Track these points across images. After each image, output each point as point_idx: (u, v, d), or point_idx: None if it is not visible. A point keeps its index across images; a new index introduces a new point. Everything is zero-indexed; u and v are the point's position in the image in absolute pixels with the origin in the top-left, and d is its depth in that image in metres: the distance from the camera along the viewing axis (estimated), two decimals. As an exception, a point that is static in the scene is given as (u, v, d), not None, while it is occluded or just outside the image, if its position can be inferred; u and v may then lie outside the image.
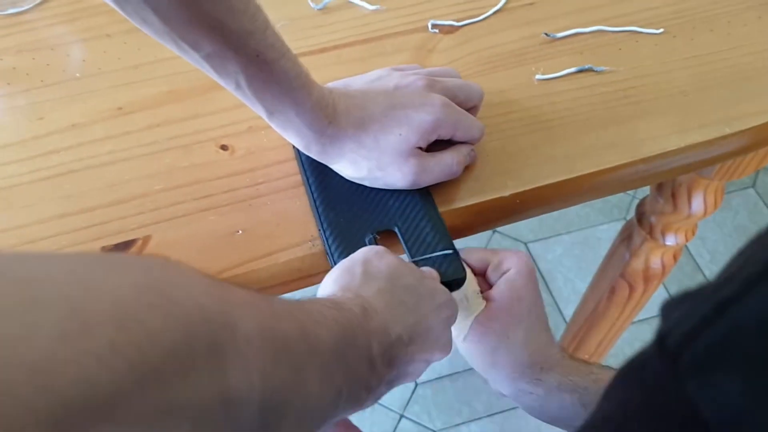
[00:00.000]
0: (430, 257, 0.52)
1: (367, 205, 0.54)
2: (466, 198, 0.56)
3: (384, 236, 0.53)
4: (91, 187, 0.55)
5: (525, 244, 1.46)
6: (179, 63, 0.62)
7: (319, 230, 0.53)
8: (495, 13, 0.68)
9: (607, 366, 0.56)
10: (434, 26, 0.66)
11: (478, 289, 0.54)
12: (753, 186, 1.60)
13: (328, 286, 0.46)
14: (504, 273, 0.54)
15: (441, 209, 0.55)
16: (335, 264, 0.51)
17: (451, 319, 0.49)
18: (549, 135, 0.60)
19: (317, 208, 0.54)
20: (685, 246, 1.49)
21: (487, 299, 0.53)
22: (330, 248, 0.52)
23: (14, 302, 0.21)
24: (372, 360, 0.40)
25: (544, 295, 1.42)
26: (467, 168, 0.57)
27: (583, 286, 1.13)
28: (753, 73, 0.65)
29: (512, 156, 0.58)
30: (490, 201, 0.56)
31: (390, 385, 0.45)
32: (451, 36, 0.66)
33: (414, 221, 0.54)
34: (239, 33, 0.45)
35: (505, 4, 0.69)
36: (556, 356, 0.55)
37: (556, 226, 1.49)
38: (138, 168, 0.56)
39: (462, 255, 0.54)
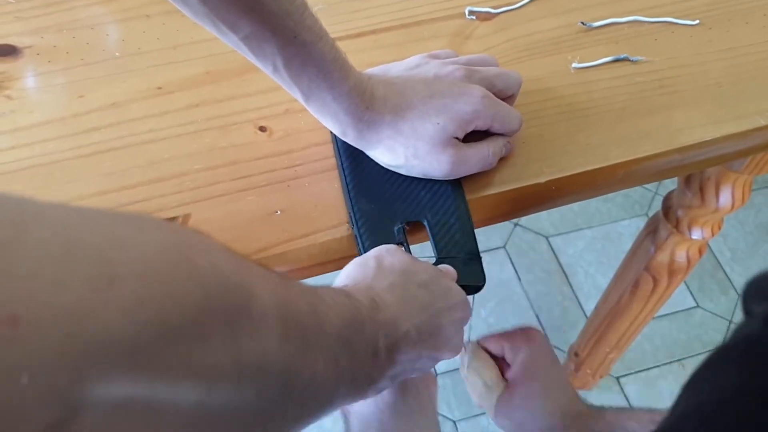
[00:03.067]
0: (453, 258, 0.52)
1: (398, 195, 0.54)
2: (502, 184, 0.56)
3: (412, 227, 0.53)
4: (132, 165, 0.55)
5: (546, 238, 1.46)
6: (217, 45, 0.62)
7: (350, 215, 0.53)
8: (532, 0, 0.68)
9: (633, 408, 0.62)
10: (471, 13, 0.67)
11: (497, 373, 0.59)
12: (776, 184, 1.59)
13: (341, 280, 0.46)
14: (518, 356, 0.58)
15: (477, 195, 0.55)
16: (363, 250, 0.51)
17: (464, 321, 0.49)
18: (585, 123, 0.60)
19: (349, 194, 0.54)
20: (707, 243, 1.48)
21: (507, 380, 0.59)
22: (359, 235, 0.52)
23: (50, 248, 0.21)
24: (377, 351, 0.41)
25: (565, 289, 1.42)
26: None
27: (603, 281, 1.13)
28: (789, 65, 0.65)
29: (548, 143, 0.59)
30: (526, 187, 0.56)
31: (393, 379, 0.45)
32: (487, 23, 0.67)
33: (444, 216, 0.54)
34: (277, 14, 0.46)
35: (542, -8, 0.69)
36: (583, 412, 0.60)
37: (577, 220, 1.49)
38: (177, 147, 0.56)
39: (481, 341, 0.60)
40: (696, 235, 0.92)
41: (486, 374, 0.59)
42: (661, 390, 1.33)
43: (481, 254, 0.53)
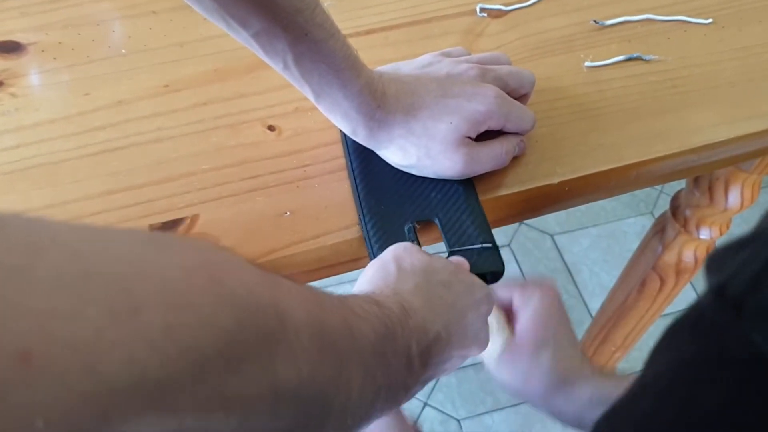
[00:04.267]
0: (468, 249, 0.51)
1: (408, 195, 0.54)
2: (514, 185, 0.55)
3: (422, 226, 0.52)
4: (138, 165, 0.54)
5: (551, 236, 1.45)
6: (225, 42, 0.62)
7: (359, 216, 0.52)
8: (543, -2, 0.67)
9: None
10: (482, 10, 0.66)
11: (504, 319, 0.56)
12: (782, 183, 1.58)
13: (363, 286, 0.45)
14: (528, 306, 0.56)
15: (488, 196, 0.55)
16: (372, 251, 0.50)
17: (489, 313, 0.48)
18: (597, 123, 0.59)
19: (359, 194, 0.53)
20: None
21: (515, 328, 0.56)
22: (368, 235, 0.51)
23: (66, 277, 0.19)
24: (410, 359, 0.39)
25: (570, 287, 1.41)
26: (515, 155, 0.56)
27: (608, 279, 1.13)
28: (805, 65, 0.64)
29: (560, 143, 0.58)
30: (538, 188, 0.56)
31: (425, 383, 0.43)
32: (499, 20, 0.66)
33: (455, 213, 0.53)
34: (288, 10, 0.45)
35: (553, -11, 0.68)
36: (587, 372, 0.57)
37: (582, 219, 1.48)
38: (185, 146, 0.56)
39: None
40: (704, 234, 0.91)
41: (491, 318, 0.55)
42: (665, 389, 1.33)
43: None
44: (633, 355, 1.35)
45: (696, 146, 0.59)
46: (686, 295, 1.41)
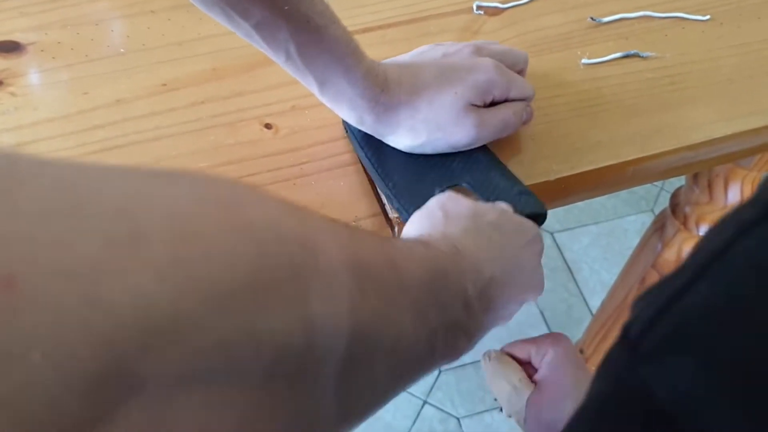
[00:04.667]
0: (508, 199, 0.51)
1: (430, 169, 0.53)
2: (511, 181, 0.56)
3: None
4: (137, 163, 0.54)
5: (551, 233, 1.45)
6: (223, 40, 0.62)
7: (387, 197, 0.52)
8: (540, -4, 0.67)
9: None
10: (479, 8, 0.66)
11: (524, 375, 0.59)
12: (782, 180, 1.58)
13: (410, 233, 0.44)
14: (545, 357, 0.57)
15: (486, 192, 0.55)
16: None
17: (541, 253, 0.48)
18: (595, 120, 0.59)
19: (382, 180, 0.53)
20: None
21: (535, 383, 0.58)
22: (402, 207, 0.51)
23: (52, 204, 0.17)
24: (468, 302, 0.38)
25: (570, 285, 1.41)
26: (513, 151, 0.56)
27: (608, 277, 1.13)
28: (802, 61, 0.64)
29: (558, 140, 0.58)
30: (535, 185, 0.56)
31: (486, 329, 0.42)
32: (496, 18, 0.66)
33: (482, 173, 0.53)
34: None
35: (550, -13, 0.68)
36: None
37: (582, 216, 1.48)
38: (183, 144, 0.56)
39: (505, 348, 0.58)
40: (704, 231, 0.91)
41: (513, 377, 0.58)
42: (666, 387, 1.33)
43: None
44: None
45: (694, 143, 0.59)
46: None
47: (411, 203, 0.50)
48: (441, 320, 0.35)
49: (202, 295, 0.19)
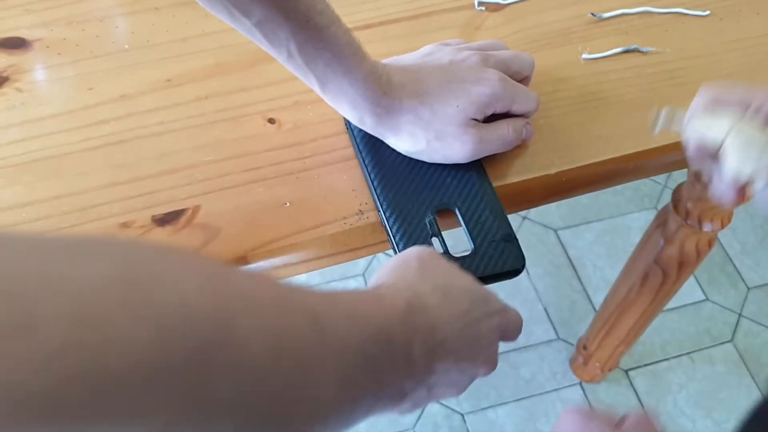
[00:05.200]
0: (490, 243, 0.52)
1: (425, 183, 0.54)
2: (512, 175, 0.56)
3: (442, 215, 0.53)
4: (142, 157, 0.55)
5: (555, 231, 1.46)
6: (226, 36, 0.62)
7: (378, 208, 0.53)
8: (541, -8, 0.68)
9: None
10: (481, 4, 0.66)
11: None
12: (786, 177, 1.58)
13: (382, 276, 0.44)
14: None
15: (486, 186, 0.55)
16: (395, 244, 0.51)
17: (500, 329, 0.47)
18: (595, 114, 0.60)
19: (375, 188, 0.54)
20: (717, 237, 1.48)
21: None
22: (390, 229, 0.52)
23: None
24: (411, 359, 0.38)
25: (574, 282, 1.41)
26: (517, 144, 0.57)
27: (612, 274, 1.13)
28: (802, 56, 0.65)
29: (559, 134, 0.58)
30: (536, 179, 0.56)
31: (431, 393, 0.42)
32: (497, 14, 0.66)
33: (473, 201, 0.53)
34: None
35: (551, -17, 0.68)
36: None
37: (586, 214, 1.49)
38: (187, 139, 0.56)
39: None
40: (706, 227, 0.92)
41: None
42: (669, 383, 1.33)
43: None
44: (636, 350, 1.35)
45: (693, 137, 0.59)
46: (688, 288, 1.41)
47: (402, 235, 0.51)
48: (372, 381, 0.35)
49: (86, 381, 0.20)
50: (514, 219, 1.45)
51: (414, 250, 0.46)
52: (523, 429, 1.25)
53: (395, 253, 0.51)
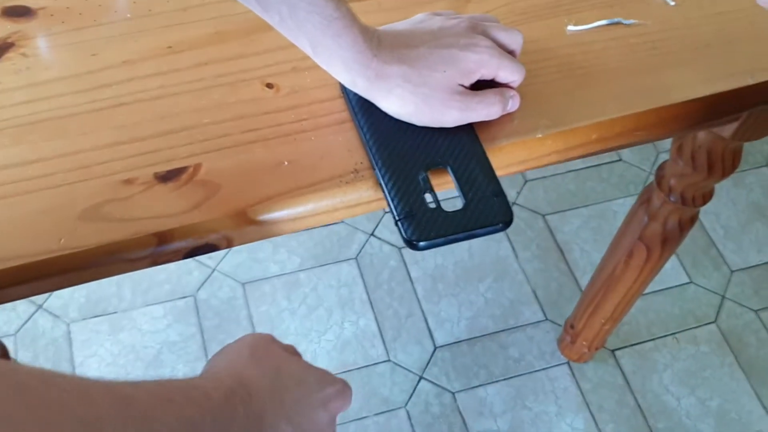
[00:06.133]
0: (480, 199, 0.54)
1: (418, 143, 0.56)
2: (502, 138, 0.58)
3: (434, 174, 0.55)
4: (143, 119, 0.57)
5: (543, 216, 1.49)
6: (225, 6, 0.65)
7: (373, 167, 0.55)
8: (528, -33, 0.70)
9: None
10: (470, -23, 0.69)
11: None
12: (767, 165, 1.62)
13: (212, 361, 0.46)
14: None
15: (476, 148, 0.57)
16: (392, 204, 0.53)
17: (342, 408, 0.49)
18: (581, 81, 0.62)
19: (370, 148, 0.56)
20: (700, 221, 1.51)
21: None
22: (386, 188, 0.54)
23: None
24: None
25: (561, 265, 1.44)
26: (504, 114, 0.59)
27: (598, 257, 1.16)
28: (777, 28, 0.67)
29: (545, 99, 0.61)
30: (524, 141, 0.59)
31: None
32: (486, -13, 0.69)
33: (464, 160, 0.56)
34: None
35: (539, -41, 0.71)
36: None
37: (573, 199, 1.52)
38: (187, 102, 0.58)
39: None
40: (688, 203, 0.94)
41: None
42: (655, 363, 1.36)
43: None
44: (623, 330, 1.38)
45: (675, 102, 0.62)
46: (673, 271, 1.45)
47: (398, 194, 0.53)
48: None
49: None
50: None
51: (247, 337, 0.48)
52: (513, 406, 1.28)
53: (392, 213, 0.53)
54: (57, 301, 1.36)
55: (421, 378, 1.30)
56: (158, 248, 0.53)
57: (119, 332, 1.34)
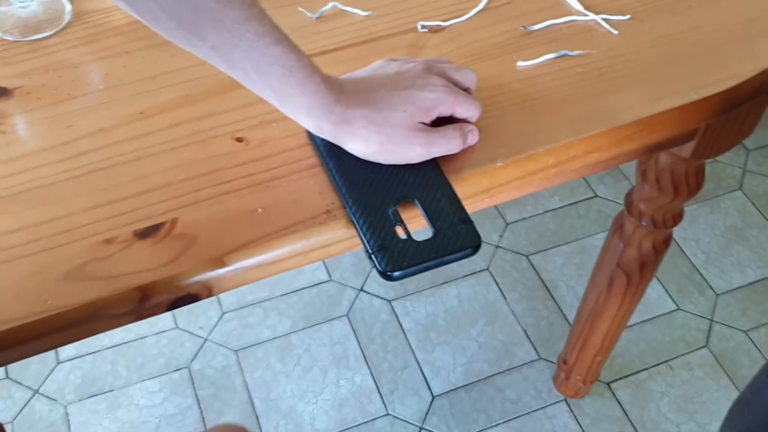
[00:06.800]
0: (450, 225, 0.57)
1: (385, 180, 0.59)
2: (464, 169, 0.61)
3: (403, 208, 0.58)
4: (120, 181, 0.60)
5: (526, 256, 1.51)
6: (193, 71, 0.68)
7: (345, 206, 0.58)
8: (477, 12, 0.75)
9: None
10: (423, 27, 0.73)
11: None
12: (740, 188, 1.66)
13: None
14: None
15: (440, 180, 0.60)
16: (365, 240, 0.55)
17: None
18: (534, 111, 0.66)
19: (340, 188, 0.59)
20: (681, 248, 1.54)
21: None
22: (357, 222, 0.57)
23: None
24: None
25: (549, 303, 1.46)
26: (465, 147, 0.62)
27: (584, 292, 1.18)
28: (714, 48, 0.72)
29: (503, 130, 0.64)
30: (483, 171, 0.61)
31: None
32: (439, 34, 0.73)
33: (431, 193, 0.58)
34: (238, 20, 0.51)
35: (487, 4, 0.75)
36: None
37: (554, 238, 1.54)
38: (161, 162, 0.61)
39: None
40: (660, 225, 0.97)
41: None
42: (651, 392, 1.37)
43: (466, 277, 0.57)
44: (616, 362, 1.39)
45: (624, 123, 0.65)
46: (659, 300, 1.46)
47: (369, 229, 0.56)
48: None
49: None
50: (486, 248, 1.51)
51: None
52: (514, 448, 1.28)
53: (365, 248, 0.56)
54: (53, 385, 1.36)
55: (421, 429, 1.30)
56: (141, 303, 0.55)
57: (117, 410, 1.33)
